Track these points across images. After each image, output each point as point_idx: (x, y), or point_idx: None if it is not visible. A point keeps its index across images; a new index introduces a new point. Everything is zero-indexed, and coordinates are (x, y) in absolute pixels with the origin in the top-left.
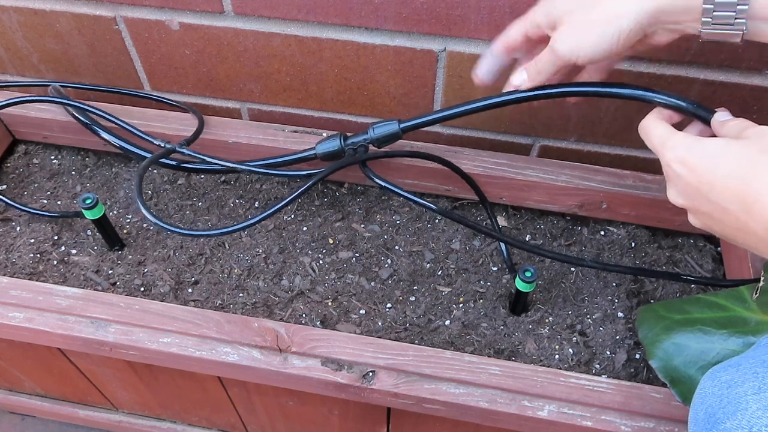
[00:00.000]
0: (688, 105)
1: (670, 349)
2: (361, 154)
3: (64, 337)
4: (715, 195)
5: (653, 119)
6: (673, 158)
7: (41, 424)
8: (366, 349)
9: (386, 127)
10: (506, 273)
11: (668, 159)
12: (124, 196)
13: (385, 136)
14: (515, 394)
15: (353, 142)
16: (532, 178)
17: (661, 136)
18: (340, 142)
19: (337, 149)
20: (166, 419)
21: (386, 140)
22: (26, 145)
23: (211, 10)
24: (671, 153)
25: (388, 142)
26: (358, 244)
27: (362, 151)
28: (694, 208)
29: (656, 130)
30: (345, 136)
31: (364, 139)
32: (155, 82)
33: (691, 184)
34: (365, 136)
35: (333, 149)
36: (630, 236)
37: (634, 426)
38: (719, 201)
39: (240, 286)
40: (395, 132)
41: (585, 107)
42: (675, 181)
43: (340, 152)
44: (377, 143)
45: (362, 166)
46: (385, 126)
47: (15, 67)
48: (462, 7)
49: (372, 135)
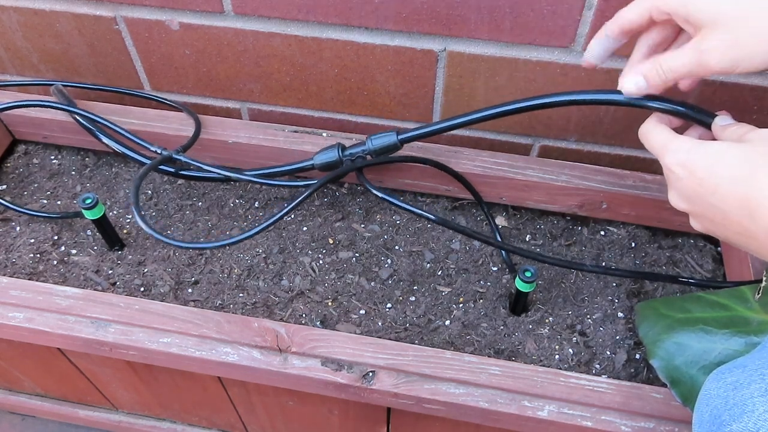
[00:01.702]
0: (687, 110)
1: (671, 348)
2: (359, 163)
3: (64, 337)
4: (716, 198)
5: (653, 123)
6: (674, 162)
7: (41, 424)
8: (366, 349)
9: (384, 139)
10: (506, 273)
11: (669, 162)
12: (124, 196)
13: (383, 148)
14: (515, 394)
15: (351, 153)
16: (532, 178)
17: (661, 140)
18: (338, 153)
19: (334, 160)
20: (166, 419)
21: (384, 151)
22: (26, 145)
23: (211, 10)
24: (672, 156)
25: (386, 153)
26: (358, 244)
27: (360, 162)
28: (696, 211)
29: (657, 134)
30: (343, 147)
31: (362, 150)
32: (155, 82)
33: (692, 187)
34: (363, 147)
35: (331, 160)
36: (630, 236)
37: (634, 426)
38: (721, 204)
39: (240, 286)
40: (393, 144)
41: (585, 107)
42: (676, 185)
43: (337, 163)
44: (375, 154)
45: (359, 174)
46: (383, 138)
47: (15, 67)
48: (462, 7)
49: (370, 146)
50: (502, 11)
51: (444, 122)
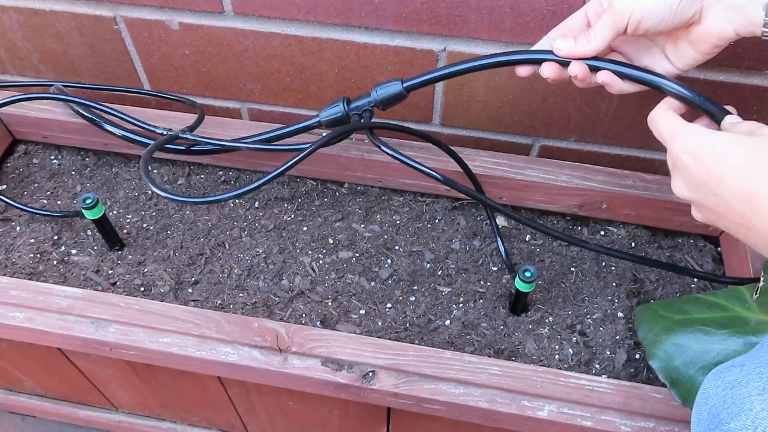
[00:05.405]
0: (699, 99)
1: (670, 349)
2: (367, 119)
3: (64, 337)
4: (722, 188)
5: (663, 109)
6: (682, 149)
7: (41, 424)
8: (366, 349)
9: (389, 88)
10: (506, 273)
11: (677, 149)
12: (124, 196)
13: (388, 97)
14: (515, 394)
15: (357, 106)
16: (532, 178)
17: (671, 127)
18: (344, 106)
19: (341, 114)
20: (166, 419)
21: (390, 102)
22: (26, 145)
23: (211, 10)
24: (680, 144)
25: (393, 103)
26: (358, 244)
27: (368, 117)
28: (698, 201)
29: (666, 120)
30: (348, 100)
31: (368, 102)
32: (155, 82)
33: (697, 176)
34: (369, 98)
35: (337, 115)
36: (630, 236)
37: (634, 426)
38: (725, 194)
39: (240, 286)
40: (399, 92)
41: (585, 107)
42: (682, 172)
43: (344, 118)
44: (381, 105)
45: (370, 133)
46: (388, 86)
47: (15, 67)
48: (462, 7)
49: (375, 97)
50: (502, 11)
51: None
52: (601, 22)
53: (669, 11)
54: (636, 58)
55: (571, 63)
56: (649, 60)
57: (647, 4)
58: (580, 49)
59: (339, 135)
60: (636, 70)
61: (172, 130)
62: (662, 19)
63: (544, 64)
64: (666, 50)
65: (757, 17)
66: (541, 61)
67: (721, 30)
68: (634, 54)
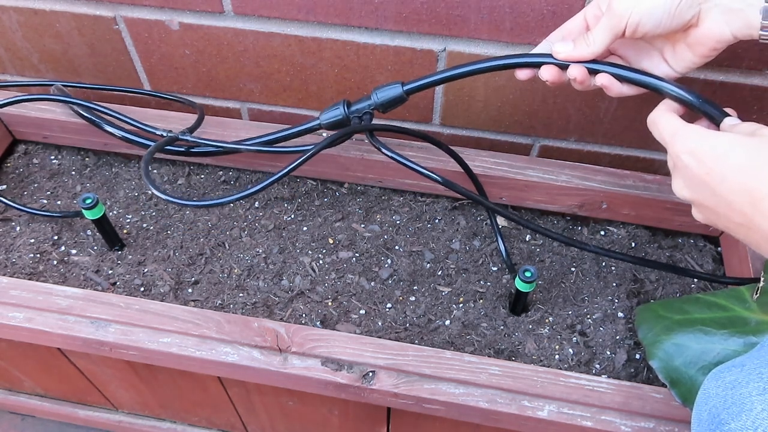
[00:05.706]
0: (698, 101)
1: (670, 349)
2: (367, 121)
3: (64, 337)
4: (723, 188)
5: (663, 111)
6: (682, 149)
7: (41, 424)
8: (366, 349)
9: (390, 91)
10: (506, 273)
11: (678, 150)
12: (124, 196)
13: (389, 101)
14: (515, 394)
15: (357, 109)
16: (532, 178)
17: (671, 128)
18: (344, 109)
19: (341, 117)
20: (166, 419)
21: (390, 105)
22: (26, 145)
23: (211, 10)
24: (681, 144)
25: (393, 106)
26: (358, 244)
27: (368, 119)
28: (699, 201)
29: (666, 121)
30: (348, 103)
31: (368, 105)
32: (155, 82)
33: (698, 176)
34: (369, 101)
35: (337, 117)
36: (630, 236)
37: (634, 426)
38: (726, 194)
39: (240, 286)
40: (399, 95)
41: (585, 107)
42: (683, 173)
43: (345, 120)
44: (381, 108)
45: (370, 136)
46: (388, 89)
47: (15, 67)
48: (462, 7)
49: (375, 100)
50: (502, 11)
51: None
52: (600, 25)
53: (667, 14)
54: (635, 61)
55: (570, 66)
56: (647, 63)
57: (645, 7)
58: (579, 52)
59: (340, 137)
60: (635, 72)
61: (172, 132)
62: (660, 22)
63: (543, 67)
64: (664, 53)
65: (755, 20)
66: (540, 65)
67: (719, 33)
68: (633, 57)
